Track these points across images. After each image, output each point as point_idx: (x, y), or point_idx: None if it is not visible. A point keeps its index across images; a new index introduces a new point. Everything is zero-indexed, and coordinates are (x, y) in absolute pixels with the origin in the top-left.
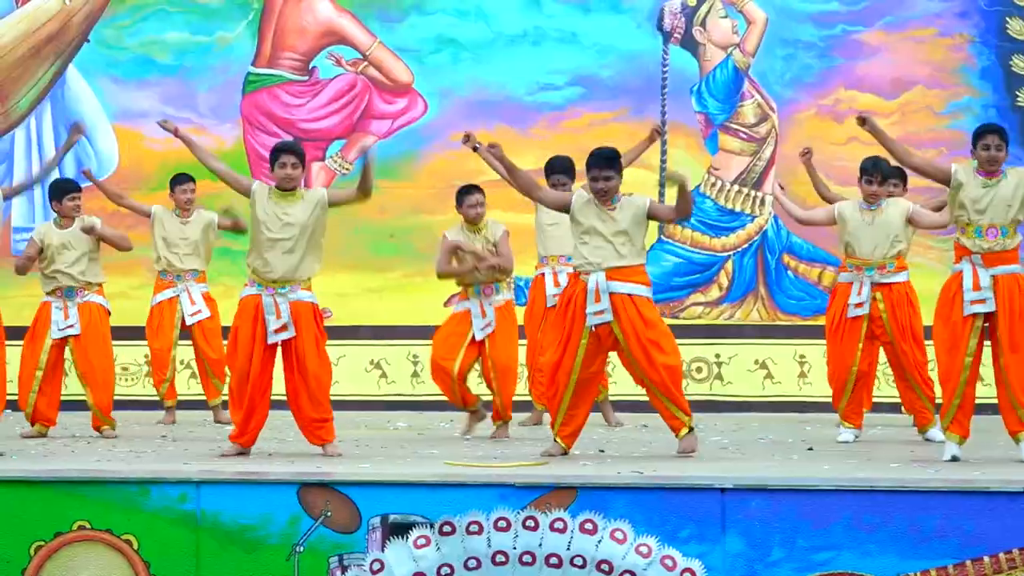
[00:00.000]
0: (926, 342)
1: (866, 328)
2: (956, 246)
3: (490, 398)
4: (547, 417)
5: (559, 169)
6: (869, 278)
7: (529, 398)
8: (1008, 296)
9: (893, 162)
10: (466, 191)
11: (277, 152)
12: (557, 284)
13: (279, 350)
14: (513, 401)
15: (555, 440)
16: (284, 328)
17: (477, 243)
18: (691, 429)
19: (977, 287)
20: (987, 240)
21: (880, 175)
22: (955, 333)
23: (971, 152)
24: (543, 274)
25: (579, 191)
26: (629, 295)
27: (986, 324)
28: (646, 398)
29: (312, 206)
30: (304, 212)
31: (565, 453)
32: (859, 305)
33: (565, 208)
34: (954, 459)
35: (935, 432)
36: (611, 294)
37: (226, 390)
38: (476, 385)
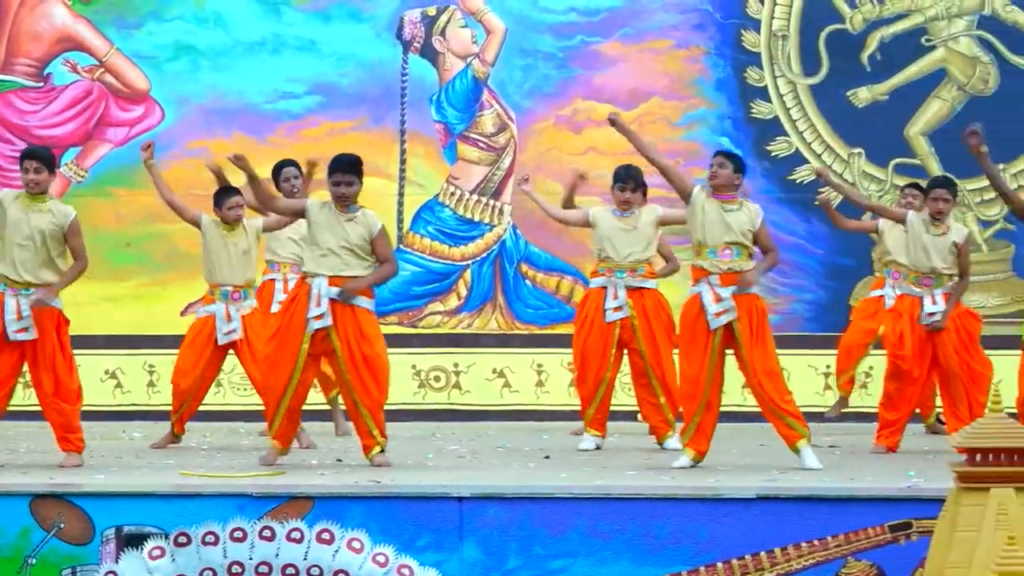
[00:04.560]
0: None
1: (618, 335)
2: (692, 269)
3: None
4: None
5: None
6: (621, 280)
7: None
8: (747, 316)
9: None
10: (226, 192)
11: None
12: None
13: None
14: None
15: (272, 444)
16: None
17: (232, 244)
18: (383, 449)
19: (718, 299)
20: (723, 261)
21: (633, 182)
22: (699, 353)
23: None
24: (273, 280)
25: (312, 200)
26: (350, 305)
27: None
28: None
29: None
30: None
31: (284, 453)
32: (617, 309)
33: (302, 214)
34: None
35: (673, 441)
36: (331, 300)
37: None
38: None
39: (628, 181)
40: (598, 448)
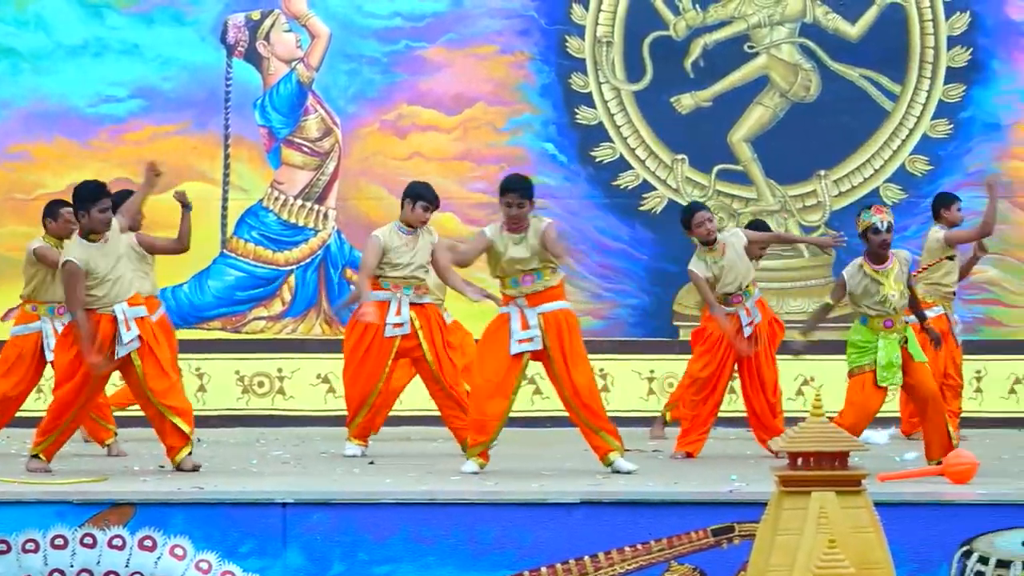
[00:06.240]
0: None
1: (397, 346)
2: (503, 295)
3: None
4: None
5: None
6: (407, 297)
7: None
8: (557, 333)
9: None
10: (60, 205)
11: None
12: None
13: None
14: None
15: (39, 456)
16: None
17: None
18: (191, 452)
19: (525, 327)
20: (525, 287)
21: (436, 203)
22: (500, 373)
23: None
24: None
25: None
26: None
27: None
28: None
29: None
30: None
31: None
32: (398, 325)
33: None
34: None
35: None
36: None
37: None
38: None
39: (433, 201)
40: (364, 455)
